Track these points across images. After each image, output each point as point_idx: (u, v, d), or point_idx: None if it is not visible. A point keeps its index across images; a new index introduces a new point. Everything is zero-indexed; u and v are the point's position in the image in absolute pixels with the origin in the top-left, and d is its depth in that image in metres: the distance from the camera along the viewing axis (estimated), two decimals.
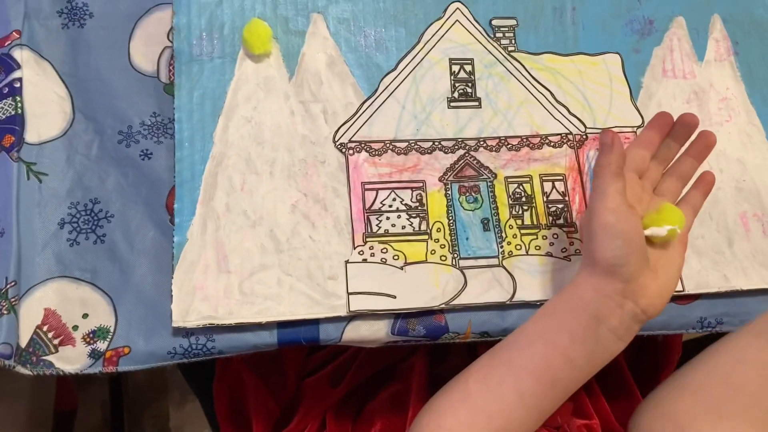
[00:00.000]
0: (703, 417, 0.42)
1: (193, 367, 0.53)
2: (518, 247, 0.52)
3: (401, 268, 0.50)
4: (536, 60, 0.57)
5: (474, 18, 0.57)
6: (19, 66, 0.52)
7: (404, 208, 0.52)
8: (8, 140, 0.50)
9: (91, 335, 0.47)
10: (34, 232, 0.49)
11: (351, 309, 0.48)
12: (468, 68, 0.56)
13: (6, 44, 0.52)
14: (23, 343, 0.46)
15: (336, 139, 0.53)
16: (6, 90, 0.51)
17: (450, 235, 0.52)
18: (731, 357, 0.43)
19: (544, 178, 0.54)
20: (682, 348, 0.70)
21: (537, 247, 0.52)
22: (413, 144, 0.53)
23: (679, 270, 0.46)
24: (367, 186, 0.52)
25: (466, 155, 0.54)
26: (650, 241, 0.45)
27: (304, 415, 0.64)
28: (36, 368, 0.46)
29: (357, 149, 0.53)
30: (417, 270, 0.50)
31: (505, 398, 0.44)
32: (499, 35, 0.57)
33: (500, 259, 0.51)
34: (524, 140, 0.55)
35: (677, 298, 0.52)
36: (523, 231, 0.52)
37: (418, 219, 0.52)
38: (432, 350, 0.64)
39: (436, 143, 0.54)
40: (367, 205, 0.52)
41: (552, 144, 0.55)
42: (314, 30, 0.55)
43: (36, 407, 0.90)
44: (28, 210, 0.49)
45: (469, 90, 0.55)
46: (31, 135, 0.51)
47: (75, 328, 0.47)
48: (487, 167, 0.54)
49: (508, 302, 0.50)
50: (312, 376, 0.66)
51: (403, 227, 0.51)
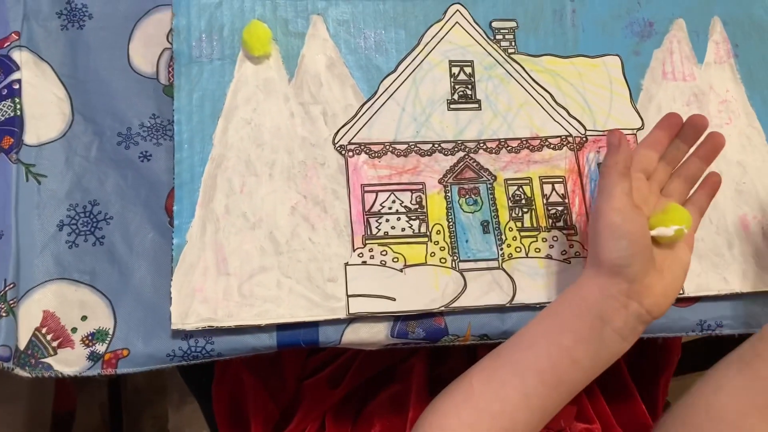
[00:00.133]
0: None
1: (192, 369, 0.53)
2: (518, 250, 0.52)
3: (401, 271, 0.50)
4: (536, 62, 0.57)
5: (474, 20, 0.57)
6: (18, 67, 0.52)
7: (404, 210, 0.52)
8: (7, 142, 0.50)
9: (90, 337, 0.47)
10: (33, 234, 0.49)
11: (350, 311, 0.48)
12: (468, 70, 0.56)
13: (5, 46, 0.52)
14: (22, 345, 0.46)
15: (336, 141, 0.53)
16: (5, 92, 0.51)
17: (450, 238, 0.51)
18: (710, 385, 0.43)
19: (544, 181, 0.54)
20: (682, 350, 0.70)
21: (537, 250, 0.52)
22: (413, 146, 0.53)
23: (685, 270, 0.46)
24: (367, 188, 0.52)
25: (466, 157, 0.54)
26: (656, 242, 0.45)
27: (304, 417, 0.64)
28: (35, 370, 0.46)
29: (357, 151, 0.53)
30: (417, 272, 0.50)
31: (509, 399, 0.43)
32: (499, 37, 0.57)
33: (500, 262, 0.51)
34: (524, 142, 0.55)
35: (677, 301, 0.52)
36: (523, 233, 0.52)
37: (418, 221, 0.52)
38: (432, 351, 0.64)
39: (436, 145, 0.54)
40: (367, 207, 0.52)
41: (552, 146, 0.55)
42: (314, 32, 0.55)
43: (34, 409, 0.90)
44: (27, 212, 0.49)
45: (469, 92, 0.55)
46: (30, 137, 0.51)
47: (74, 330, 0.47)
48: (487, 169, 0.54)
49: (508, 305, 0.50)
50: (311, 378, 0.66)
51: (403, 229, 0.51)
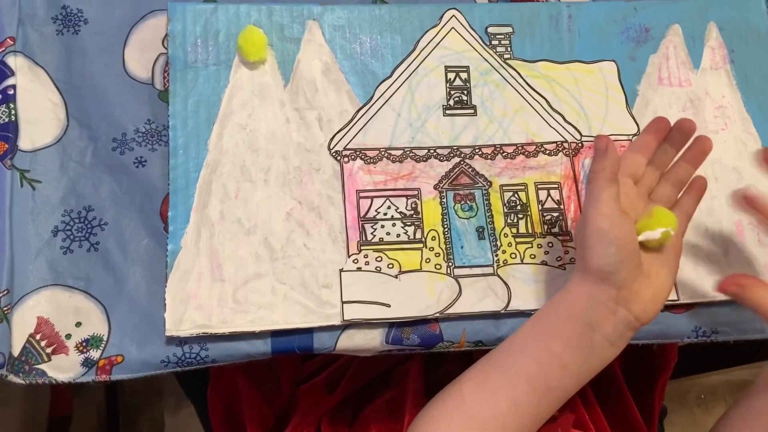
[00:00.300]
0: None
1: (188, 374, 0.53)
2: (513, 256, 0.52)
3: (396, 277, 0.50)
4: (532, 67, 0.57)
5: (470, 25, 0.57)
6: (13, 73, 0.52)
7: (399, 216, 0.52)
8: (2, 147, 0.50)
9: (85, 344, 0.47)
10: (28, 240, 0.49)
11: (345, 318, 0.48)
12: (463, 76, 0.56)
13: (0, 51, 0.52)
14: (16, 352, 0.46)
15: (331, 147, 0.53)
16: (0, 97, 0.51)
17: (445, 244, 0.51)
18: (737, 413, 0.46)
19: (540, 186, 0.54)
20: (678, 353, 0.70)
21: (532, 256, 0.52)
22: (408, 152, 0.53)
23: (673, 276, 0.46)
24: (362, 194, 0.52)
25: (462, 163, 0.54)
26: (644, 247, 0.45)
27: (299, 422, 0.64)
28: (29, 377, 0.46)
29: (352, 157, 0.53)
30: (411, 278, 0.50)
31: (500, 405, 0.43)
32: (495, 43, 0.57)
33: (495, 268, 0.51)
34: (519, 148, 0.55)
35: (672, 307, 0.52)
36: (518, 239, 0.52)
37: (413, 227, 0.52)
38: (427, 356, 0.64)
39: (432, 151, 0.54)
40: (362, 213, 0.52)
41: (547, 152, 0.55)
42: (309, 37, 0.55)
43: (30, 413, 0.90)
44: (22, 217, 0.49)
45: (465, 98, 0.55)
46: (25, 142, 0.51)
47: (68, 337, 0.47)
48: (482, 175, 0.54)
49: (503, 311, 0.50)
50: (307, 383, 0.66)
51: (398, 235, 0.51)
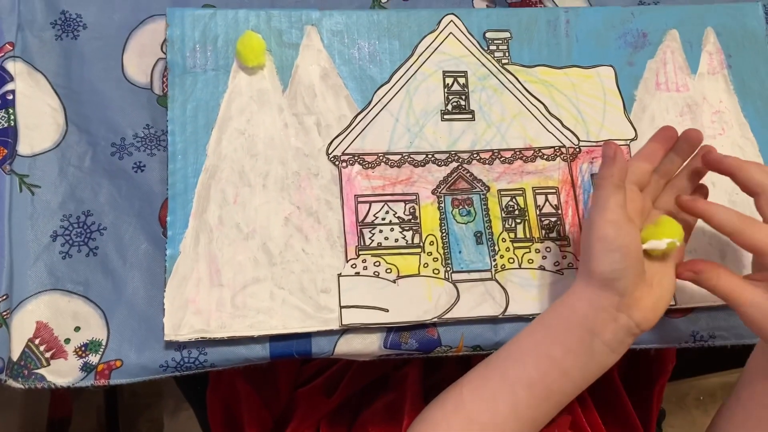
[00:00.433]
0: None
1: (187, 377, 0.54)
2: (511, 261, 0.52)
3: (394, 282, 0.50)
4: (530, 73, 0.57)
5: (468, 30, 0.57)
6: (12, 78, 0.52)
7: (397, 221, 0.52)
8: (1, 153, 0.50)
9: (83, 348, 0.47)
10: (27, 245, 0.49)
11: (343, 322, 0.48)
12: (461, 81, 0.56)
13: None
14: (15, 357, 0.46)
15: (329, 152, 0.53)
16: None
17: (443, 249, 0.52)
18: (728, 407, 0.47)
19: (537, 191, 0.54)
20: (676, 356, 0.70)
21: (530, 261, 0.52)
22: (406, 157, 0.54)
23: (674, 284, 0.46)
24: (360, 199, 0.52)
25: (460, 168, 0.54)
26: (647, 254, 0.45)
27: (298, 425, 0.64)
28: (28, 382, 0.46)
29: (350, 162, 0.53)
30: (410, 283, 0.50)
31: (499, 410, 0.44)
32: (493, 48, 0.57)
33: (493, 273, 0.51)
34: (517, 153, 0.55)
35: (670, 312, 0.52)
36: (516, 244, 0.52)
37: (411, 232, 0.52)
38: (425, 360, 0.64)
39: (430, 156, 0.54)
40: (360, 218, 0.52)
41: (545, 157, 0.55)
42: (308, 42, 0.55)
43: (30, 415, 0.90)
44: (21, 222, 0.49)
45: (463, 102, 0.55)
46: (24, 147, 0.51)
47: (67, 341, 0.47)
48: (480, 180, 0.54)
49: (501, 316, 0.50)
50: (305, 386, 0.66)
51: (396, 240, 0.51)
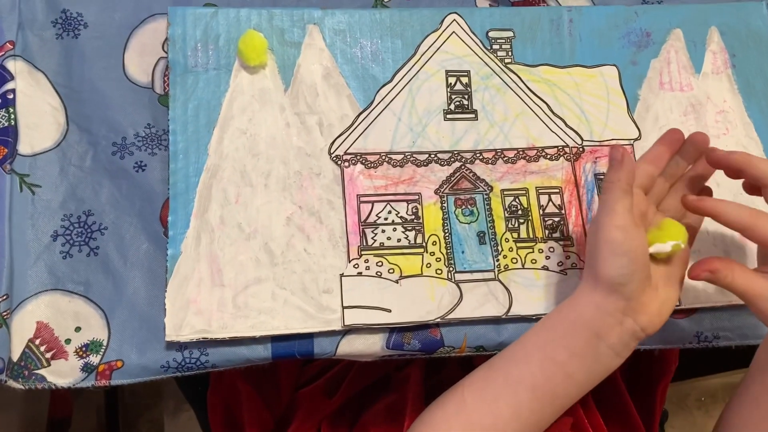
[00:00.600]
0: None
1: (188, 377, 0.53)
2: (514, 261, 0.51)
3: (396, 282, 0.50)
4: (533, 72, 0.57)
5: (471, 30, 0.57)
6: (13, 77, 0.51)
7: (400, 221, 0.52)
8: (1, 152, 0.50)
9: (84, 349, 0.47)
10: (27, 245, 0.49)
11: (346, 323, 0.48)
12: (464, 80, 0.55)
13: None
14: (15, 357, 0.46)
15: (331, 151, 0.53)
16: None
17: (446, 249, 0.51)
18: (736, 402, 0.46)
19: (541, 191, 0.54)
20: (679, 356, 0.70)
21: (533, 261, 0.52)
22: (409, 156, 0.53)
23: (680, 288, 0.46)
24: (363, 198, 0.52)
25: (462, 168, 0.54)
26: (652, 258, 0.44)
27: (299, 426, 0.64)
28: (28, 382, 0.46)
29: (352, 161, 0.53)
30: (412, 283, 0.50)
31: (501, 413, 0.43)
32: (496, 47, 0.57)
33: (496, 273, 0.51)
34: (520, 153, 0.54)
35: (674, 313, 0.51)
36: (519, 244, 0.52)
37: (414, 232, 0.52)
38: (428, 361, 0.64)
39: (432, 155, 0.53)
40: (363, 218, 0.51)
41: (548, 156, 0.55)
42: (310, 41, 0.55)
43: (30, 414, 0.90)
44: (21, 222, 0.49)
45: (466, 102, 0.55)
46: (25, 146, 0.50)
47: (68, 342, 0.47)
48: (483, 180, 0.53)
49: (504, 316, 0.50)
50: (307, 387, 0.66)
51: (399, 240, 0.51)
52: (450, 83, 0.55)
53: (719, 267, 0.44)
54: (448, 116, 0.55)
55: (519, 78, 0.56)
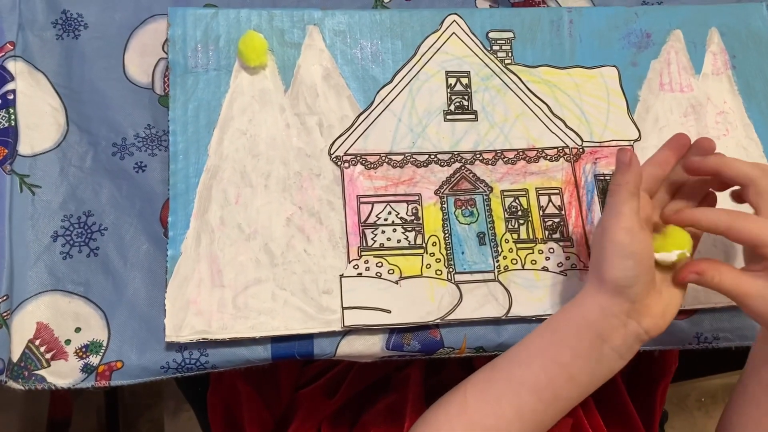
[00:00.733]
0: None
1: (188, 378, 0.53)
2: (514, 262, 0.51)
3: (396, 283, 0.50)
4: (533, 73, 0.57)
5: (471, 31, 0.57)
6: (13, 78, 0.51)
7: (400, 222, 0.52)
8: (1, 152, 0.50)
9: (84, 349, 0.47)
10: (27, 245, 0.49)
11: (345, 324, 0.48)
12: (464, 81, 0.55)
13: (0, 56, 0.52)
14: (15, 358, 0.46)
15: (331, 152, 0.53)
16: None
17: (445, 249, 0.51)
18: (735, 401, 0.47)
19: (541, 192, 0.54)
20: (678, 357, 0.70)
21: (533, 262, 0.52)
22: (409, 157, 0.53)
23: (684, 290, 0.46)
24: (363, 199, 0.52)
25: (462, 168, 0.54)
26: (657, 264, 0.45)
27: (299, 427, 0.64)
28: (28, 383, 0.46)
29: (352, 162, 0.53)
30: (412, 284, 0.50)
31: (504, 414, 0.43)
32: (496, 48, 0.57)
33: (496, 274, 0.51)
34: (520, 153, 0.54)
35: None
36: (519, 245, 0.52)
37: (414, 233, 0.52)
38: (427, 361, 0.64)
39: (432, 156, 0.54)
40: (363, 219, 0.51)
41: (548, 157, 0.55)
42: (310, 42, 0.55)
43: (30, 415, 0.90)
44: (21, 223, 0.49)
45: (466, 103, 0.55)
46: (25, 147, 0.51)
47: (67, 342, 0.47)
48: (483, 180, 0.53)
49: (504, 317, 0.50)
50: (307, 387, 0.65)
51: (399, 241, 0.51)
52: (450, 84, 0.55)
53: (705, 268, 0.44)
54: (448, 117, 0.55)
55: (519, 79, 0.56)
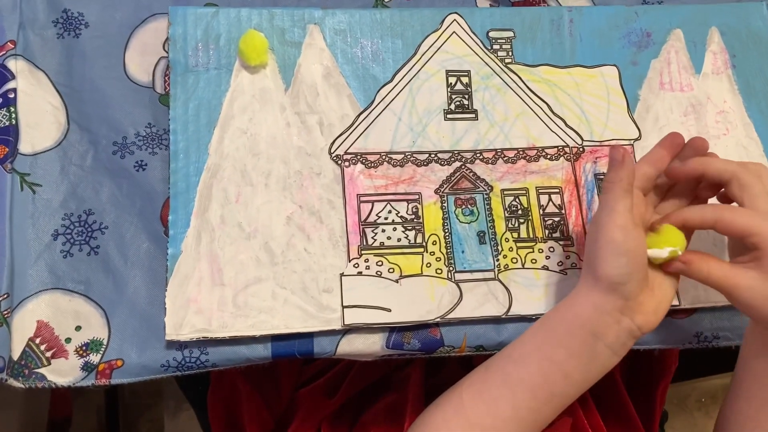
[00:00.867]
0: None
1: (188, 377, 0.54)
2: (514, 261, 0.52)
3: (396, 281, 0.50)
4: (533, 72, 0.57)
5: (471, 30, 0.57)
6: (14, 76, 0.52)
7: (400, 221, 0.52)
8: (2, 151, 0.50)
9: (84, 348, 0.47)
10: (27, 244, 0.49)
11: (346, 322, 0.48)
12: (465, 80, 0.56)
13: (0, 54, 0.52)
14: (15, 356, 0.46)
15: (332, 151, 0.53)
16: (0, 101, 0.51)
17: (446, 248, 0.51)
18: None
19: (541, 191, 0.54)
20: (678, 357, 0.70)
21: (533, 261, 0.52)
22: (409, 156, 0.53)
23: (675, 288, 0.46)
24: (363, 198, 0.52)
25: (463, 167, 0.54)
26: (649, 261, 0.45)
27: (299, 426, 0.64)
28: (28, 381, 0.46)
29: (353, 161, 0.53)
30: (412, 283, 0.50)
31: (500, 413, 0.44)
32: (496, 47, 0.57)
33: (496, 273, 0.51)
34: (521, 153, 0.54)
35: (674, 313, 0.52)
36: (519, 244, 0.52)
37: (414, 231, 0.52)
38: (427, 360, 0.64)
39: (432, 155, 0.54)
40: (363, 218, 0.51)
41: (548, 156, 0.55)
42: (311, 41, 0.55)
43: (30, 414, 0.90)
44: (22, 221, 0.49)
45: (466, 102, 0.55)
46: (25, 146, 0.51)
47: (68, 341, 0.47)
48: (484, 179, 0.54)
49: (504, 316, 0.50)
50: (307, 387, 0.65)
51: (399, 240, 0.51)
52: (450, 83, 0.55)
53: (692, 258, 0.44)
54: (449, 116, 0.55)
55: (519, 78, 0.56)
